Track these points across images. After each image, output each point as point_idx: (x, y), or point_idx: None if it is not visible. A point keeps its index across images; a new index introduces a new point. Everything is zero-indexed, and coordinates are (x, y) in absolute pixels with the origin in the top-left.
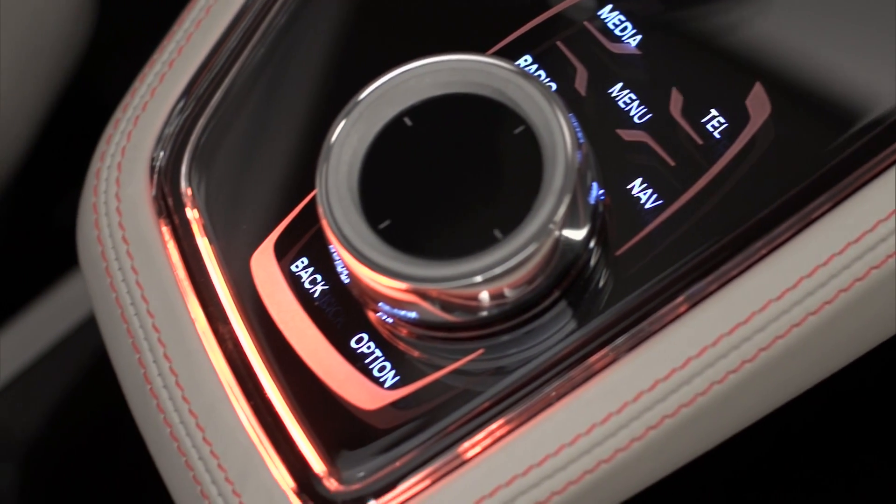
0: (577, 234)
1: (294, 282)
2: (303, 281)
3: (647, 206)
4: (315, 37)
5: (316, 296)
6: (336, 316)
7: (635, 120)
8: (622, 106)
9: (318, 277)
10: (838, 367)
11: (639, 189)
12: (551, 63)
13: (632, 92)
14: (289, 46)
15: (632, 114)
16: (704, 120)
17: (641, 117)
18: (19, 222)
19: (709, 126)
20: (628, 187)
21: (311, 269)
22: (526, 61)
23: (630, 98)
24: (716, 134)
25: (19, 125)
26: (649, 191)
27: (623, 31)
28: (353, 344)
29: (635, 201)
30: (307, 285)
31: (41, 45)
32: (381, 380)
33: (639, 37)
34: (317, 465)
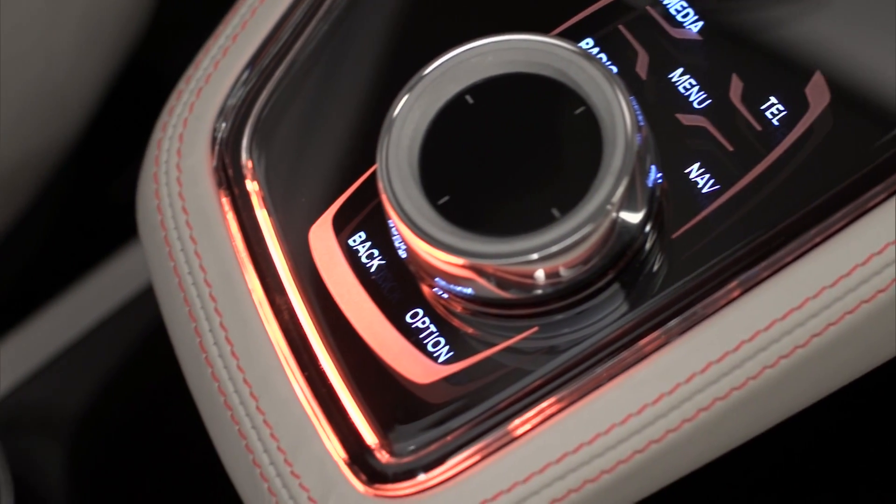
0: (633, 217)
1: (351, 256)
2: (360, 255)
3: (704, 191)
4: (379, 13)
5: (372, 270)
6: (392, 291)
7: (695, 105)
8: (682, 91)
9: (375, 252)
10: (890, 355)
11: (696, 173)
12: (613, 46)
13: (692, 77)
14: (353, 22)
15: (691, 99)
16: (764, 107)
17: (701, 102)
18: (76, 197)
19: (768, 113)
20: (686, 171)
21: (369, 243)
22: (587, 44)
23: (690, 83)
24: (774, 121)
25: (80, 100)
26: (706, 175)
27: (685, 16)
28: (408, 319)
29: (692, 185)
30: (364, 260)
31: (104, 21)
32: (435, 355)
33: (700, 23)
34: (369, 437)
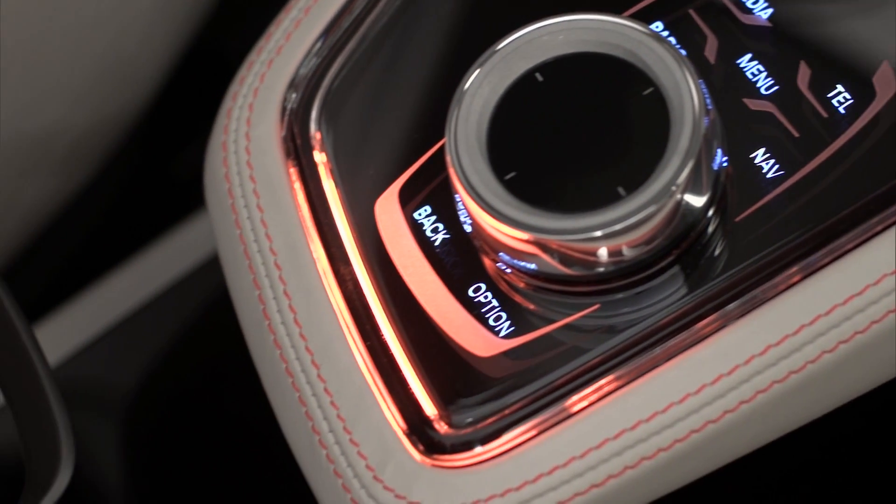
0: (697, 200)
1: (416, 229)
2: (424, 229)
3: (769, 176)
4: None
5: (437, 244)
6: (455, 265)
7: (762, 91)
8: (750, 77)
9: (440, 226)
10: None
11: (761, 158)
12: (682, 30)
13: (760, 63)
14: None
15: (759, 85)
16: (830, 95)
17: (768, 88)
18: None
19: (834, 101)
20: (751, 156)
21: (434, 217)
22: (657, 27)
23: (758, 69)
24: (841, 109)
25: (149, 72)
26: (771, 161)
27: (755, 3)
28: (470, 293)
29: (757, 170)
30: (429, 233)
31: None
32: (496, 329)
33: (770, 10)
34: (428, 408)
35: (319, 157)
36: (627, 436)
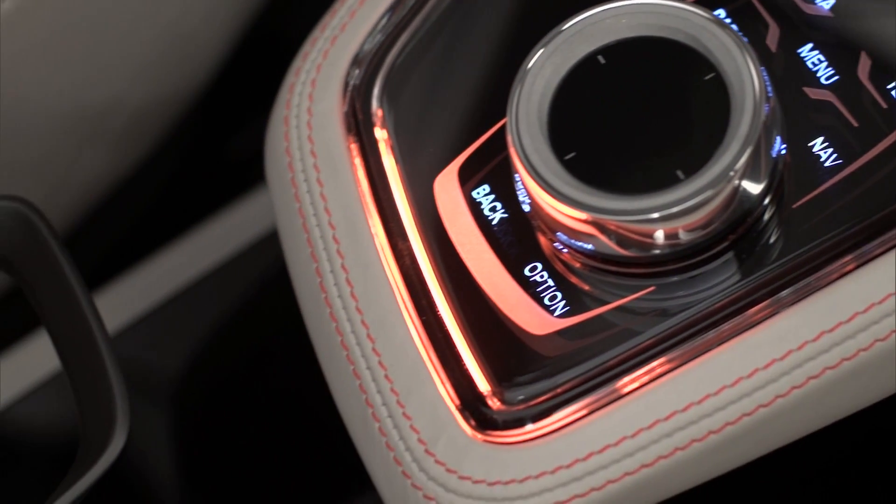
0: (755, 187)
1: (474, 207)
2: (483, 208)
3: (826, 165)
4: None
5: (494, 223)
6: (512, 245)
7: (822, 80)
8: (810, 66)
9: (498, 205)
10: None
11: (819, 147)
12: (744, 18)
13: (821, 53)
14: None
15: (819, 74)
16: (890, 86)
17: (828, 78)
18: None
19: (894, 92)
20: (809, 144)
21: (492, 196)
22: (720, 14)
23: (819, 59)
24: None
25: (209, 50)
26: (829, 150)
27: None
28: (526, 272)
29: (815, 159)
30: (487, 212)
31: None
32: (552, 308)
33: (832, 0)
34: (482, 384)
35: (380, 134)
36: (679, 417)
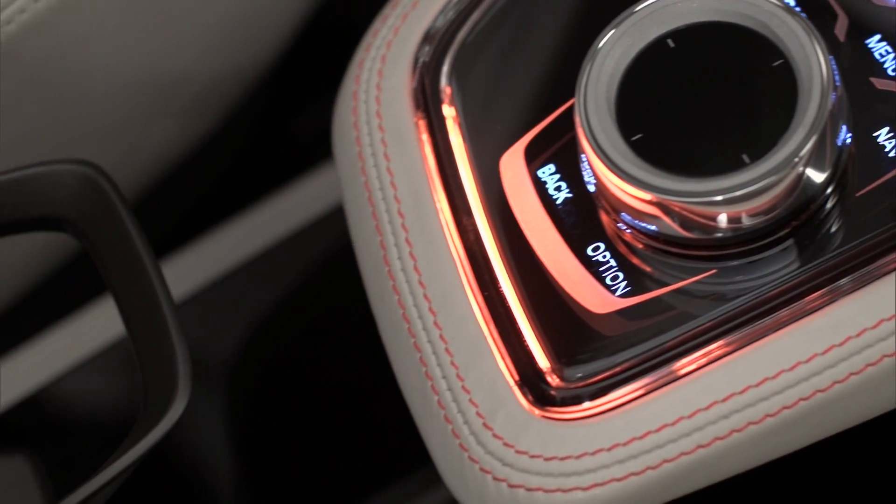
0: (819, 175)
1: (540, 186)
2: (548, 187)
3: (891, 155)
4: None
5: (559, 202)
6: (575, 224)
7: (889, 72)
8: (878, 57)
9: (563, 185)
10: None
11: (885, 137)
12: (814, 7)
13: (888, 44)
14: None
15: (886, 66)
16: None
17: (895, 69)
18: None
19: None
20: (874, 134)
21: (558, 176)
22: (790, 2)
23: (886, 50)
24: None
25: (278, 28)
26: (894, 140)
27: None
28: (589, 251)
29: (879, 149)
30: (552, 191)
31: None
32: (613, 288)
33: None
34: (541, 360)
35: (448, 111)
36: (736, 399)
